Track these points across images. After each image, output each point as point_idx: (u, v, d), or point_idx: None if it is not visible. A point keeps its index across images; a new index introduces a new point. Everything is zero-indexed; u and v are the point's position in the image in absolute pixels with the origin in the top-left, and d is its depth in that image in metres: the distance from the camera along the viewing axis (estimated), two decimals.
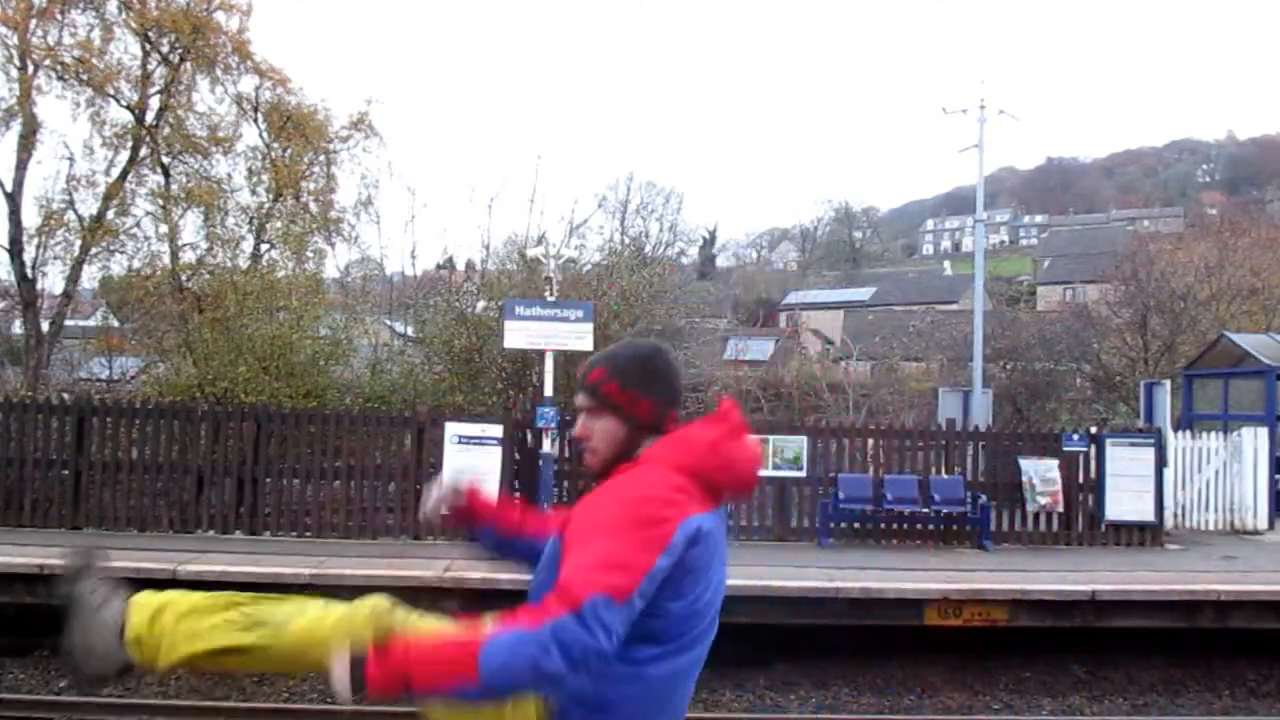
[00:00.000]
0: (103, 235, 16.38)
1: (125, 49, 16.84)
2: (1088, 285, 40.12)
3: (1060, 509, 10.35)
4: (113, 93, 16.55)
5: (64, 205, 16.67)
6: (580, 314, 10.19)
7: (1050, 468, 10.36)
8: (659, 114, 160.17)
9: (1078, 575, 8.46)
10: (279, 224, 17.43)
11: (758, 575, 8.03)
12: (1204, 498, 11.50)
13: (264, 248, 17.36)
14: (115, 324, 19.65)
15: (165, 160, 17.00)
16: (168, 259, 16.66)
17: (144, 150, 16.76)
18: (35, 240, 16.33)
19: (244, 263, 16.22)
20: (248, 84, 17.85)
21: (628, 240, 34.23)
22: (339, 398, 13.08)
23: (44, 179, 27.99)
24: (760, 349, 29.60)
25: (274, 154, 17.89)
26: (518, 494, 9.82)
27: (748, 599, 7.52)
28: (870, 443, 10.90)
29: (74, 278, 16.76)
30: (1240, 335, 14.55)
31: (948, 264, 72.11)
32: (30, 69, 15.90)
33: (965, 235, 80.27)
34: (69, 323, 18.02)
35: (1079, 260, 50.41)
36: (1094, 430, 11.25)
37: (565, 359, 11.40)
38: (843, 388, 24.34)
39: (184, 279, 16.28)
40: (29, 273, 16.14)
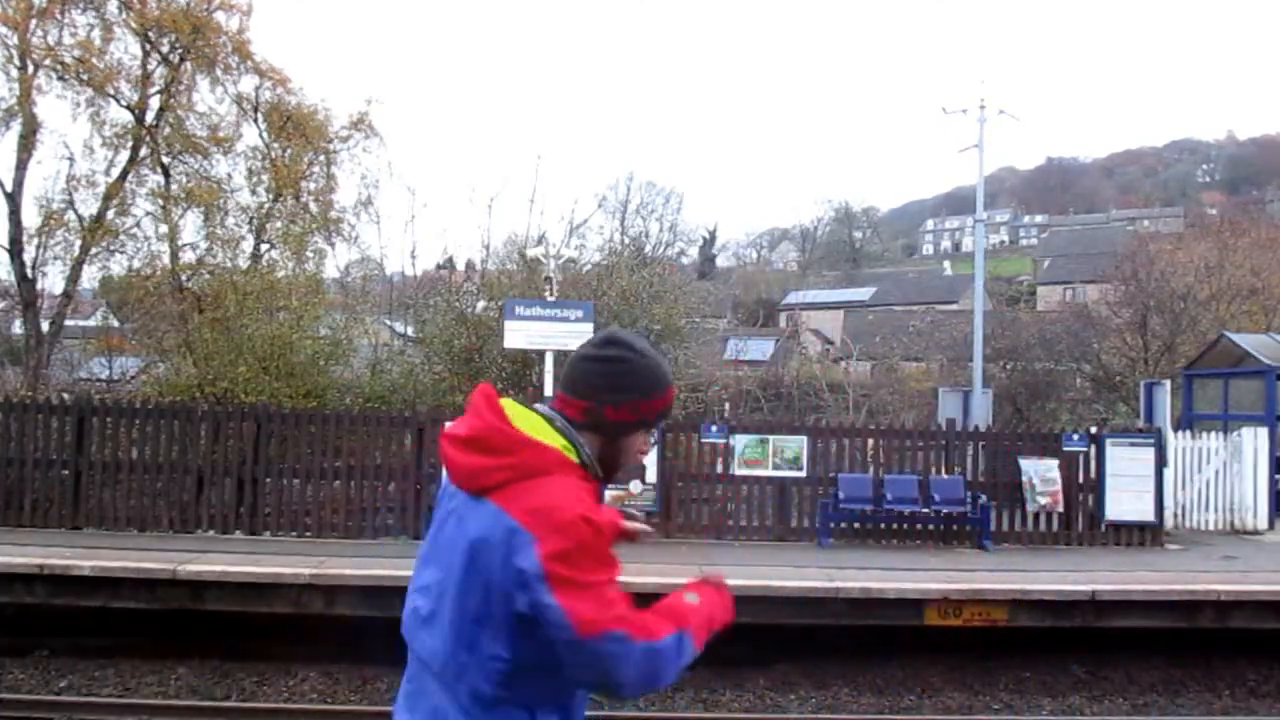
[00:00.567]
0: (103, 235, 16.37)
1: (125, 49, 16.86)
2: (1088, 285, 40.15)
3: (1060, 509, 10.34)
4: (113, 93, 16.54)
5: (64, 205, 16.67)
6: (580, 314, 10.19)
7: (1050, 468, 10.35)
8: (659, 114, 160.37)
9: (1078, 575, 8.46)
10: (279, 224, 17.42)
11: (758, 575, 8.04)
12: (1204, 498, 11.49)
13: (264, 248, 17.36)
14: (115, 324, 19.65)
15: (165, 160, 16.99)
16: (168, 259, 16.66)
17: (144, 150, 16.76)
18: (35, 240, 16.32)
19: (244, 263, 16.22)
20: (248, 84, 17.87)
21: (628, 240, 34.24)
22: (339, 398, 13.08)
23: (44, 179, 28.01)
24: (760, 349, 29.59)
25: (274, 154, 17.88)
26: None
27: (748, 599, 7.51)
28: (870, 443, 10.90)
29: (74, 278, 16.76)
30: (1240, 335, 14.54)
31: (948, 264, 72.15)
32: (30, 69, 15.89)
33: (965, 235, 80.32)
34: (69, 323, 18.01)
35: (1079, 260, 50.44)
36: (1094, 430, 11.25)
37: (565, 359, 11.40)
38: (843, 388, 24.36)
39: (184, 279, 16.28)
40: (29, 273, 16.13)
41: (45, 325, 16.43)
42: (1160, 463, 10.40)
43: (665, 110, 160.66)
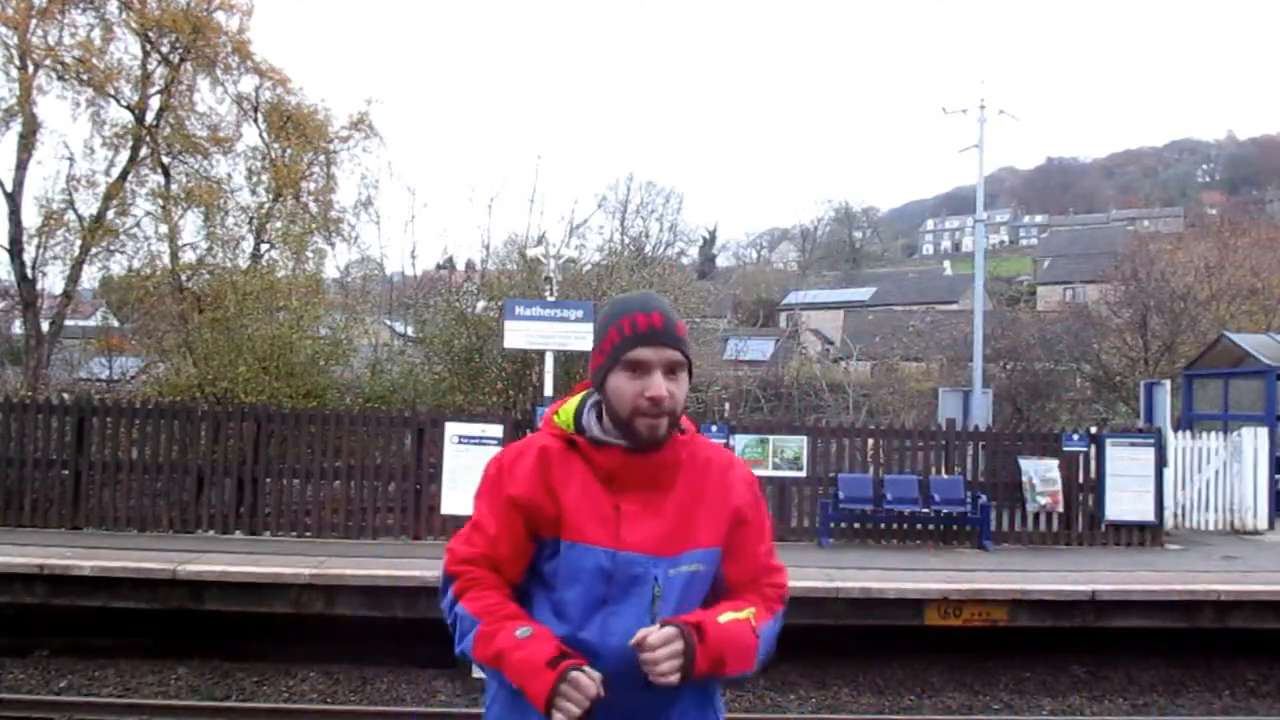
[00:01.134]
0: (103, 235, 16.38)
1: (125, 49, 16.87)
2: (1088, 285, 40.17)
3: (1060, 509, 10.34)
4: (113, 93, 16.55)
5: (64, 205, 16.67)
6: (580, 314, 10.18)
7: (1050, 468, 10.35)
8: (659, 114, 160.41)
9: (1078, 575, 8.46)
10: (279, 224, 17.43)
11: None
12: (1204, 498, 11.49)
13: (264, 248, 17.36)
14: (115, 324, 19.64)
15: (165, 160, 16.99)
16: (168, 259, 16.66)
17: (144, 150, 16.76)
18: (35, 240, 16.33)
19: (244, 263, 16.22)
20: (248, 84, 17.87)
21: (628, 240, 34.18)
22: (339, 398, 13.07)
23: (44, 179, 27.93)
24: (760, 349, 29.58)
25: (274, 154, 17.88)
26: None
27: None
28: (870, 443, 10.90)
29: (74, 278, 16.76)
30: (1240, 335, 14.55)
31: (948, 264, 72.13)
32: (30, 69, 15.89)
33: (965, 235, 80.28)
34: (69, 323, 18.02)
35: (1079, 260, 50.45)
36: (1094, 430, 11.25)
37: (565, 359, 11.40)
38: (843, 388, 24.36)
39: (184, 279, 16.28)
40: (29, 273, 16.14)
41: (45, 325, 16.43)
42: (1160, 463, 10.40)
43: (665, 110, 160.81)
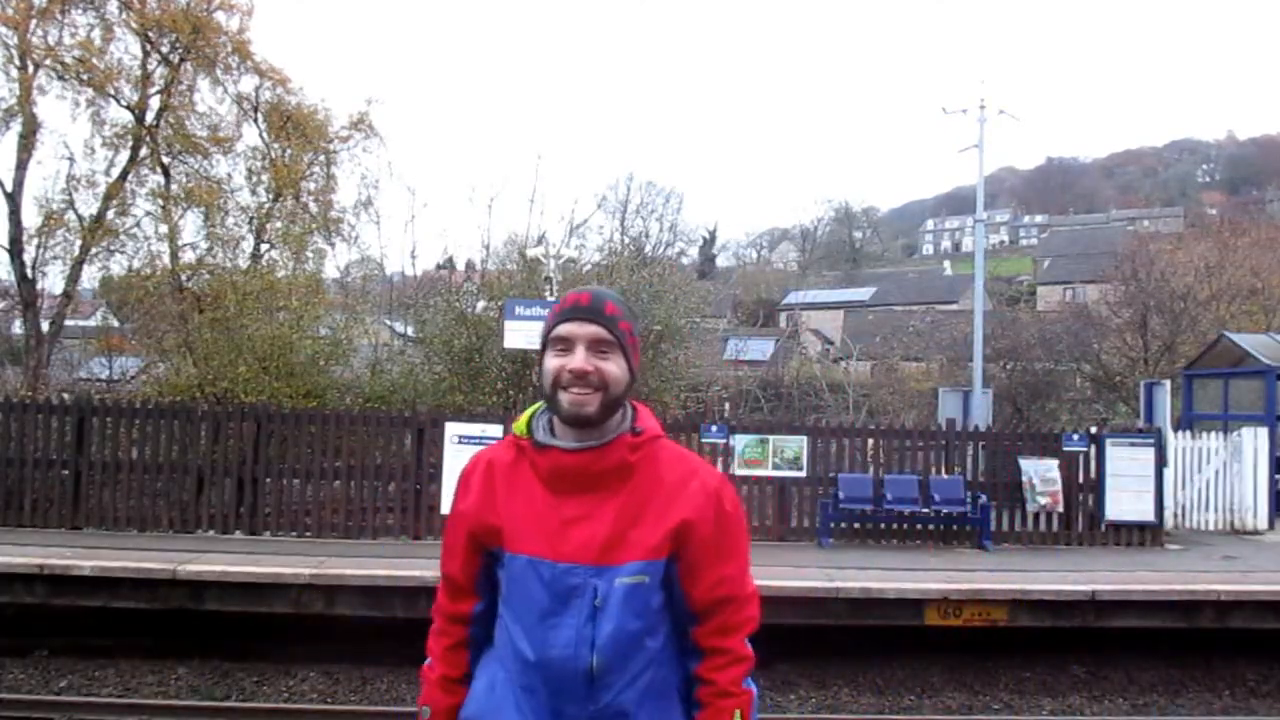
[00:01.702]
0: (103, 235, 16.38)
1: (125, 49, 16.87)
2: (1088, 285, 40.17)
3: (1060, 509, 10.34)
4: (113, 93, 16.55)
5: (64, 205, 16.67)
6: None
7: (1050, 468, 10.35)
8: (659, 114, 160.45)
9: (1078, 575, 8.46)
10: (279, 224, 17.43)
11: (757, 575, 7.97)
12: (1204, 498, 11.49)
13: (264, 248, 17.36)
14: (115, 324, 19.64)
15: (165, 160, 16.99)
16: (168, 259, 16.66)
17: (144, 150, 16.76)
18: (35, 240, 16.33)
19: (244, 263, 16.21)
20: (248, 84, 17.88)
21: (628, 240, 34.23)
22: (339, 398, 13.06)
23: (44, 179, 27.91)
24: (760, 349, 29.58)
25: (274, 154, 17.88)
26: None
27: None
28: (870, 443, 10.89)
29: (74, 278, 16.76)
30: (1240, 335, 14.55)
31: (948, 264, 72.15)
32: (30, 69, 15.90)
33: (965, 235, 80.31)
34: (69, 323, 18.01)
35: (1079, 260, 50.44)
36: (1094, 430, 11.24)
37: None
38: (843, 388, 24.38)
39: (184, 279, 16.28)
40: (29, 273, 16.14)
41: (45, 325, 16.44)
42: (1160, 463, 10.39)
43: (665, 110, 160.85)
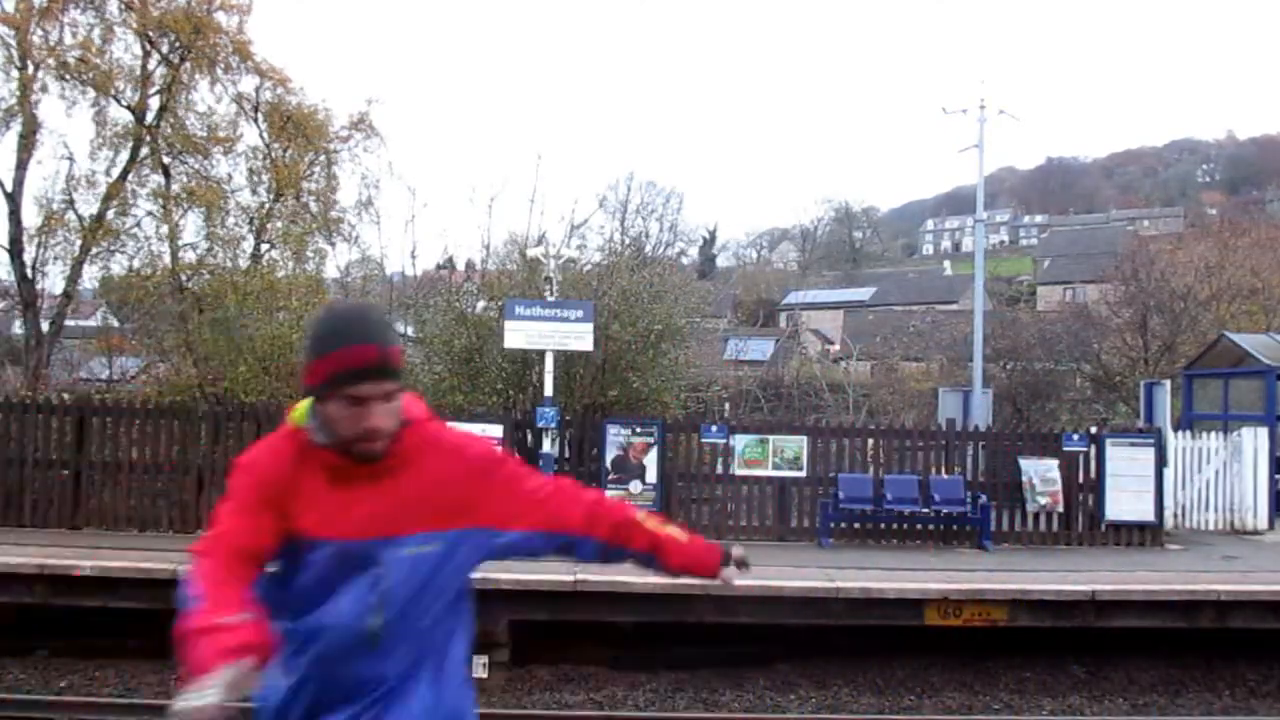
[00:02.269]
0: (103, 235, 16.35)
1: (126, 49, 16.82)
2: (1088, 285, 40.17)
3: (1060, 509, 10.34)
4: (113, 92, 16.52)
5: (64, 205, 16.64)
6: (580, 314, 10.18)
7: (1050, 468, 10.35)
8: (659, 114, 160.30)
9: (1078, 575, 8.46)
10: (279, 224, 17.41)
11: (757, 575, 7.97)
12: (1204, 498, 11.49)
13: (264, 248, 17.34)
14: (115, 324, 19.65)
15: (165, 160, 16.97)
16: (168, 259, 16.63)
17: (144, 150, 16.73)
18: (35, 240, 16.30)
19: (244, 263, 16.19)
20: (248, 84, 17.83)
21: (628, 240, 34.14)
22: None
23: (44, 179, 27.78)
24: (760, 349, 29.57)
25: (274, 154, 17.86)
26: None
27: (748, 599, 7.52)
28: (870, 443, 10.89)
29: (74, 278, 16.74)
30: (1240, 335, 14.54)
31: (948, 264, 72.14)
32: (31, 69, 15.88)
33: (965, 235, 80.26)
34: (69, 323, 17.99)
35: (1079, 260, 50.44)
36: (1094, 430, 11.25)
37: (565, 359, 11.40)
38: (843, 388, 24.38)
39: (184, 279, 16.25)
40: (29, 273, 16.12)
41: (45, 325, 16.41)
42: (1160, 463, 10.40)
43: (665, 110, 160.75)
